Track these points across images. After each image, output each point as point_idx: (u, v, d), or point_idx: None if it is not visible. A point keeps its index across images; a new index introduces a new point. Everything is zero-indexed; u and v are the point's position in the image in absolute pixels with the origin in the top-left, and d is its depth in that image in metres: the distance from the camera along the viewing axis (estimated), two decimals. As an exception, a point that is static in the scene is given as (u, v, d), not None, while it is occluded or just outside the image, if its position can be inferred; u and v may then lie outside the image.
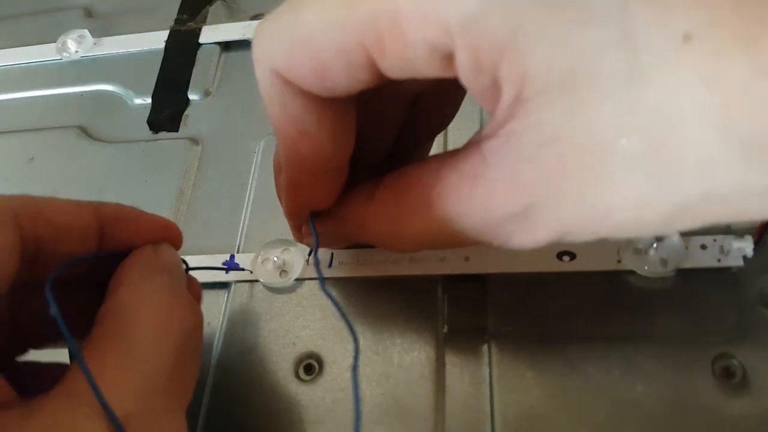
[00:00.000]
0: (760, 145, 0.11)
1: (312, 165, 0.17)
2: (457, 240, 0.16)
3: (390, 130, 0.20)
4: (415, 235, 0.17)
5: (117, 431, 0.13)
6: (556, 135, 0.13)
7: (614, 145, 0.12)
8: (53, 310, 0.15)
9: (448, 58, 0.13)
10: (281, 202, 0.20)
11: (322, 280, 0.18)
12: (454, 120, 0.21)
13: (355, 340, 0.16)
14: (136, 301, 0.16)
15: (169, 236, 0.19)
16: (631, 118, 0.12)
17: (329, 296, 0.17)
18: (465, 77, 0.13)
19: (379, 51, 0.13)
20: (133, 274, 0.17)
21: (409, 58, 0.13)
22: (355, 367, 0.15)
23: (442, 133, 0.25)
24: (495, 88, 0.13)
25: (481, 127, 0.28)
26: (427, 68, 0.13)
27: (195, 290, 0.21)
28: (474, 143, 0.15)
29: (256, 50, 0.15)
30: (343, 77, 0.14)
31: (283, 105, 0.16)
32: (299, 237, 0.22)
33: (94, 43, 0.36)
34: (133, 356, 0.15)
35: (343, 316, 0.17)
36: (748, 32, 0.11)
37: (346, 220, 0.20)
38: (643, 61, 0.12)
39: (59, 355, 0.18)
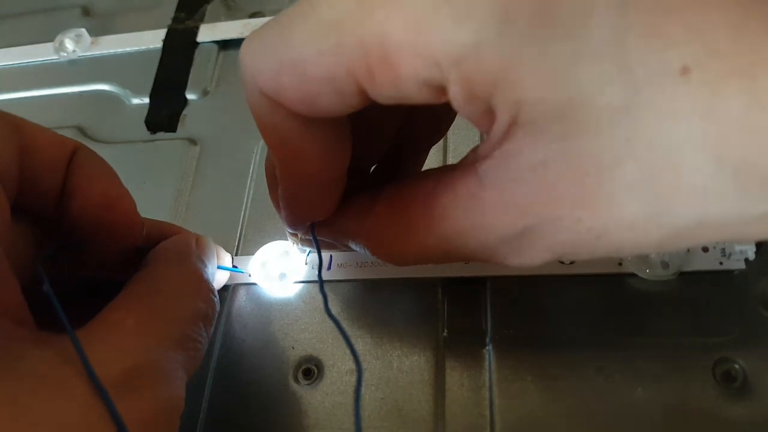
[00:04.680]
0: (753, 175, 0.12)
1: (307, 180, 0.17)
2: (454, 257, 0.17)
3: (383, 138, 0.20)
4: (411, 252, 0.17)
5: (99, 392, 0.13)
6: (551, 159, 0.13)
7: (610, 172, 0.12)
8: (46, 286, 0.16)
9: (440, 88, 0.13)
10: (279, 213, 0.20)
11: (326, 301, 0.18)
12: (454, 124, 0.21)
13: (358, 365, 0.16)
14: (169, 274, 0.18)
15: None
16: (628, 146, 0.12)
17: (333, 319, 0.17)
18: (457, 105, 0.13)
19: (369, 80, 0.13)
20: (171, 252, 0.20)
21: (399, 88, 0.13)
22: (357, 396, 0.15)
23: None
24: (488, 113, 0.13)
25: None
26: (418, 97, 0.13)
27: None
28: (469, 162, 0.15)
29: (244, 70, 0.15)
30: (332, 102, 0.14)
31: (273, 124, 0.15)
32: (294, 241, 0.23)
33: (92, 42, 0.36)
34: (155, 313, 0.16)
35: (346, 338, 0.17)
36: (744, 64, 0.11)
37: (343, 232, 0.19)
38: (641, 93, 0.12)
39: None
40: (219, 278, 0.24)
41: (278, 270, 0.25)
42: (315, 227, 0.20)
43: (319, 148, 0.16)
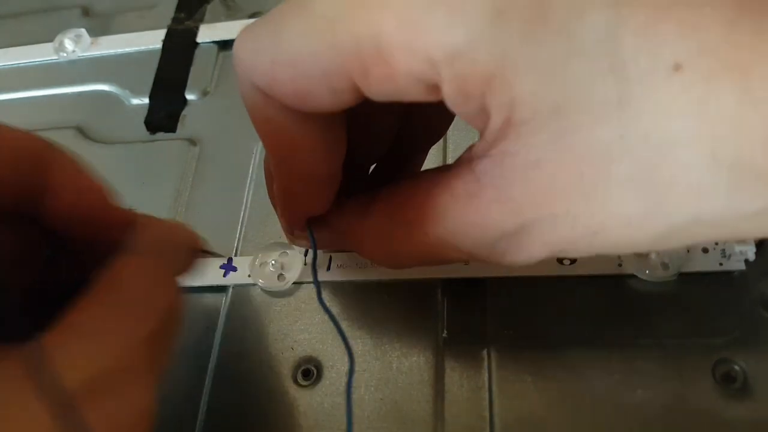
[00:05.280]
0: (747, 171, 0.12)
1: (302, 174, 0.17)
2: (451, 257, 0.17)
3: (382, 136, 0.20)
4: (408, 253, 0.17)
5: (62, 409, 0.12)
6: (547, 157, 0.13)
7: (605, 169, 0.12)
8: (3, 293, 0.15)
9: (434, 86, 0.13)
10: (275, 209, 0.20)
11: (319, 291, 0.18)
12: (454, 124, 0.21)
13: (351, 356, 0.16)
14: (134, 268, 0.17)
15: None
16: (622, 144, 0.12)
17: (325, 309, 0.17)
18: (451, 104, 0.13)
19: (363, 78, 0.13)
20: (139, 245, 0.18)
21: (393, 86, 0.13)
22: (349, 387, 0.15)
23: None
24: (483, 112, 0.13)
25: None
26: (412, 95, 0.13)
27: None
28: (465, 161, 0.15)
29: (238, 65, 0.15)
30: (326, 98, 0.14)
31: (267, 119, 0.15)
32: (291, 239, 0.22)
33: (91, 43, 0.36)
34: (119, 312, 0.15)
35: (339, 329, 0.17)
36: (737, 60, 0.11)
37: (340, 231, 0.19)
38: (633, 90, 0.12)
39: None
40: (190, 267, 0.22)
41: (278, 270, 0.25)
42: (312, 225, 0.20)
43: (312, 143, 0.16)
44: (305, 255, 0.25)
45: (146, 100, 0.33)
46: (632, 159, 0.12)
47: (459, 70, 0.12)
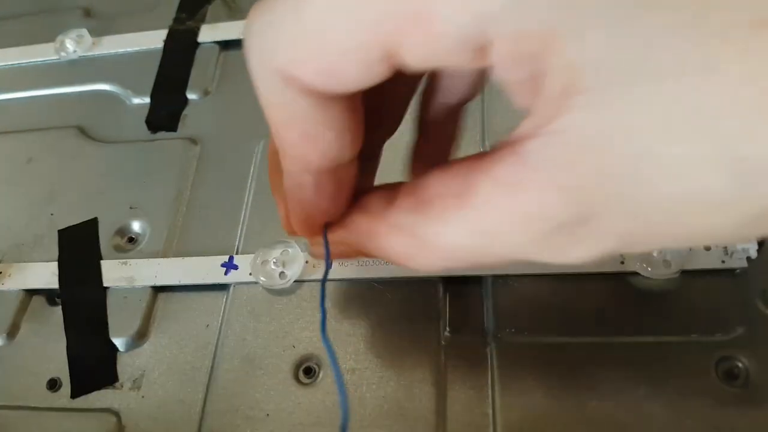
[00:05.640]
0: None
1: (317, 164, 0.15)
2: (492, 256, 0.14)
3: (393, 112, 0.18)
4: (439, 254, 0.15)
5: None
6: (612, 133, 0.11)
7: (685, 145, 0.11)
8: None
9: (481, 48, 0.11)
10: (278, 206, 0.19)
11: (324, 324, 0.17)
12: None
13: (342, 394, 0.15)
14: None
15: None
16: (699, 112, 0.10)
17: (327, 345, 0.17)
18: (501, 68, 0.12)
19: (399, 43, 0.12)
20: None
21: (434, 51, 0.12)
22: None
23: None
24: (534, 81, 0.12)
25: (483, 131, 0.28)
26: (456, 59, 0.12)
27: None
28: (508, 145, 0.13)
29: (251, 46, 0.14)
30: (355, 73, 0.13)
31: (283, 105, 0.14)
32: (291, 232, 0.19)
33: (93, 43, 0.36)
34: None
35: (336, 370, 0.16)
36: None
37: (358, 231, 0.17)
38: (711, 50, 0.10)
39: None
40: None
41: (279, 268, 0.25)
42: (327, 229, 0.18)
43: (331, 130, 0.14)
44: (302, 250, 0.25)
45: (147, 100, 0.34)
46: (717, 131, 0.10)
47: (515, 26, 0.11)
